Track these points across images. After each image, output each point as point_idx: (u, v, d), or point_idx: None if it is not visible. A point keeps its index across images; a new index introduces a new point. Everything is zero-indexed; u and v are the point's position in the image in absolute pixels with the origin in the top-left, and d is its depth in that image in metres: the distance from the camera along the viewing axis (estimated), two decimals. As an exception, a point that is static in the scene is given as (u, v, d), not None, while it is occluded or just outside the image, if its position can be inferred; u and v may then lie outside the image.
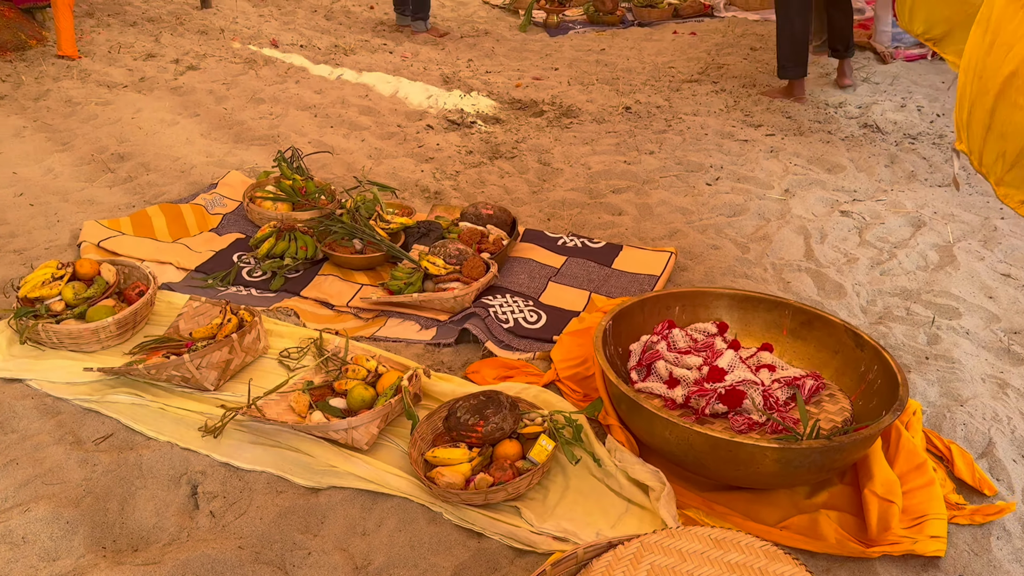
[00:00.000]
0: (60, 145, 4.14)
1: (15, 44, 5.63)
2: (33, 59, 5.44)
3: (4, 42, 5.58)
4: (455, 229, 3.25)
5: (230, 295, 2.91)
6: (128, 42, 5.87)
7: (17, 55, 5.50)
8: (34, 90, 4.90)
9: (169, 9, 6.83)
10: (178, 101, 4.78)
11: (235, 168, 3.92)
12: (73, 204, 3.52)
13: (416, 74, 5.42)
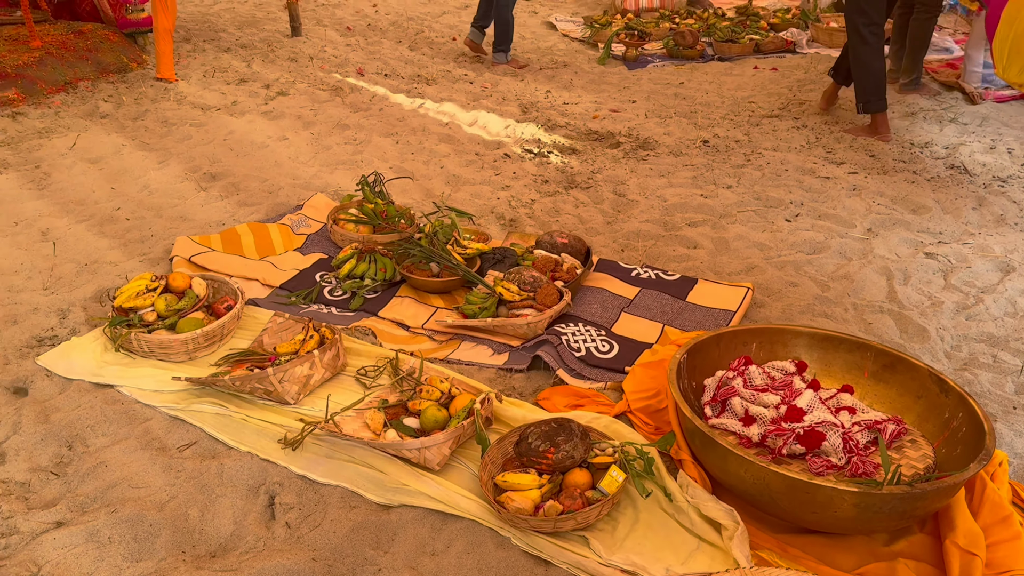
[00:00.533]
0: (156, 163, 4.35)
1: (118, 66, 5.95)
2: (133, 81, 5.74)
3: (107, 64, 5.91)
4: (530, 256, 3.28)
5: (312, 312, 3.00)
6: (222, 67, 6.14)
7: (119, 77, 5.81)
8: (133, 110, 5.16)
9: (261, 37, 7.12)
10: (268, 125, 4.97)
11: (320, 191, 4.05)
12: (167, 220, 3.69)
13: (495, 104, 5.51)
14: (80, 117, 5.00)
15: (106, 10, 6.60)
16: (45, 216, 3.67)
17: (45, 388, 2.51)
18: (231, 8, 8.25)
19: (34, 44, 5.67)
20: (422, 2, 8.89)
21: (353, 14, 8.19)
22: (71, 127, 4.81)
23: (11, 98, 5.15)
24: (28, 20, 5.74)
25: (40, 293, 3.04)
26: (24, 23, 5.90)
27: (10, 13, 6.47)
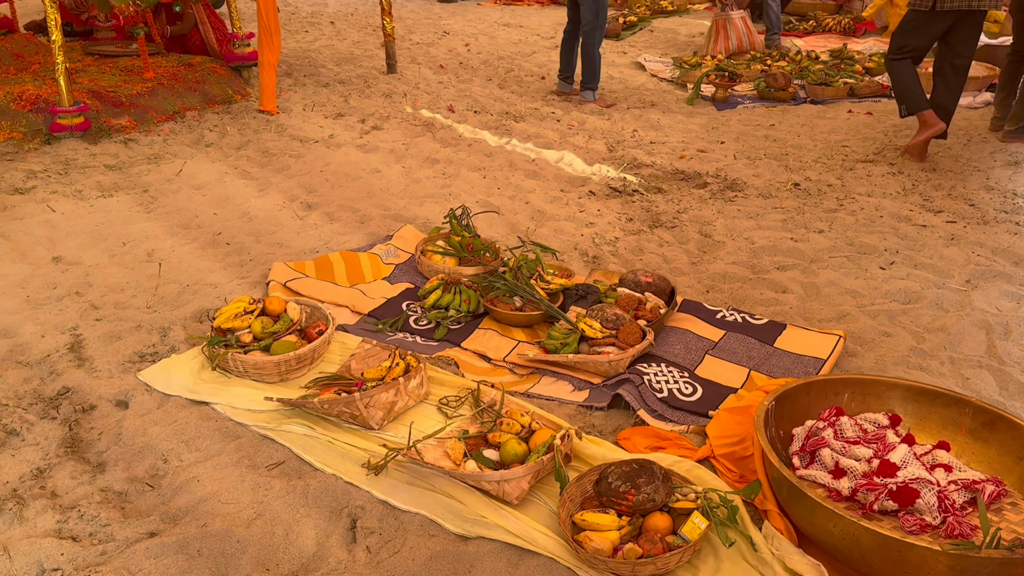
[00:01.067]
0: (257, 191, 4.54)
1: (223, 98, 6.26)
2: (237, 112, 6.02)
3: (214, 96, 6.22)
4: (613, 294, 3.28)
5: (397, 340, 3.07)
6: (321, 101, 6.39)
7: (224, 108, 6.11)
8: (236, 140, 5.41)
9: (358, 73, 7.38)
10: (362, 158, 5.14)
11: (409, 222, 4.15)
12: (264, 246, 3.84)
13: (582, 141, 5.56)
14: (187, 145, 5.27)
15: (213, 45, 6.98)
16: (151, 238, 3.87)
17: (145, 402, 2.63)
18: (331, 45, 8.60)
19: (147, 75, 6.03)
20: (513, 42, 9.08)
21: (446, 53, 8.42)
22: (178, 154, 5.08)
23: (124, 125, 5.47)
24: (143, 53, 6.12)
25: (144, 311, 3.20)
26: (139, 55, 6.28)
27: (126, 46, 6.91)
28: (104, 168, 4.75)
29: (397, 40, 7.72)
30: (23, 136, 5.15)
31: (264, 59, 5.94)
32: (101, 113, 5.40)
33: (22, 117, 5.22)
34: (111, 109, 5.48)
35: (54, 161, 4.80)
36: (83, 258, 3.62)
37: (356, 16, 10.55)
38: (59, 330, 3.02)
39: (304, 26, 9.70)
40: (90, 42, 7.08)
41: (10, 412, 2.55)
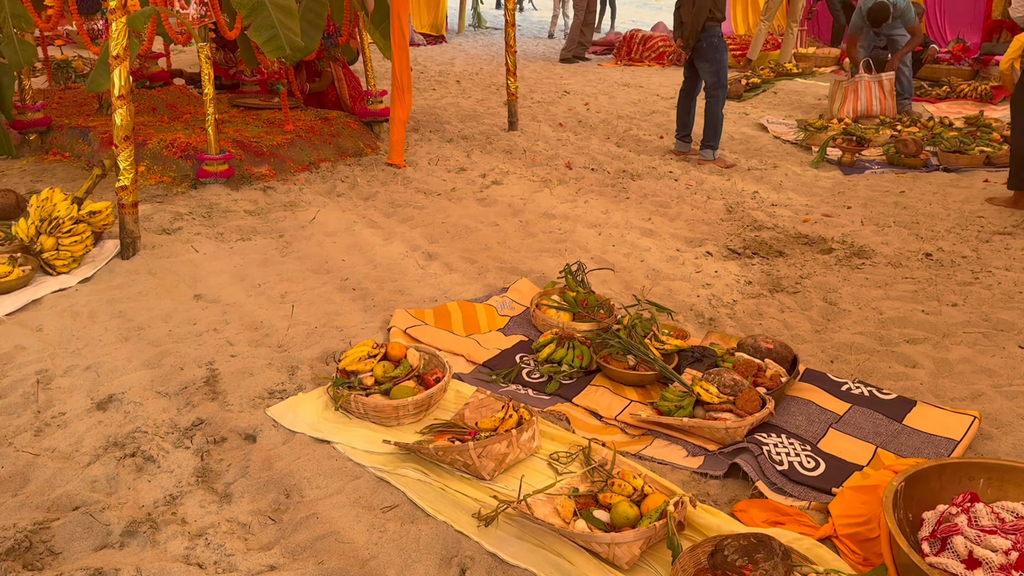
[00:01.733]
0: (382, 240, 4.72)
1: (355, 151, 6.59)
2: (367, 164, 6.31)
3: (346, 148, 6.55)
4: (730, 359, 3.21)
5: (510, 392, 3.10)
6: (445, 156, 6.62)
7: (355, 160, 6.42)
8: (366, 191, 5.67)
9: (481, 130, 7.63)
10: (482, 211, 5.28)
11: (525, 275, 4.22)
12: (387, 292, 3.98)
13: (699, 202, 5.52)
14: (320, 194, 5.56)
15: (348, 101, 7.38)
16: (285, 280, 4.08)
17: (271, 437, 2.75)
18: (456, 103, 8.93)
19: (287, 128, 6.42)
20: (632, 102, 9.18)
21: (566, 111, 8.59)
22: (312, 202, 5.36)
23: (264, 174, 5.83)
24: (285, 107, 6.52)
25: (275, 350, 3.36)
26: (281, 109, 6.70)
27: (269, 99, 7.39)
28: (244, 213, 5.07)
29: (519, 99, 7.94)
30: (172, 180, 5.57)
31: (395, 116, 6.23)
32: (244, 161, 5.77)
33: (173, 163, 5.65)
34: (253, 158, 5.85)
35: (199, 205, 5.15)
36: (222, 296, 3.85)
37: (481, 76, 10.93)
38: (197, 364, 3.21)
39: (432, 84, 10.12)
40: (236, 95, 7.60)
41: (149, 439, 2.72)
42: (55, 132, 6.28)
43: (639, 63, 12.13)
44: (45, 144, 6.25)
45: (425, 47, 13.59)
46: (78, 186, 5.37)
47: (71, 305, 3.69)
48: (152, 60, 7.58)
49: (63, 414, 2.85)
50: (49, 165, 5.93)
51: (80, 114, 6.66)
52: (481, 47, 14.06)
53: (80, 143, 6.06)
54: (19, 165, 5.89)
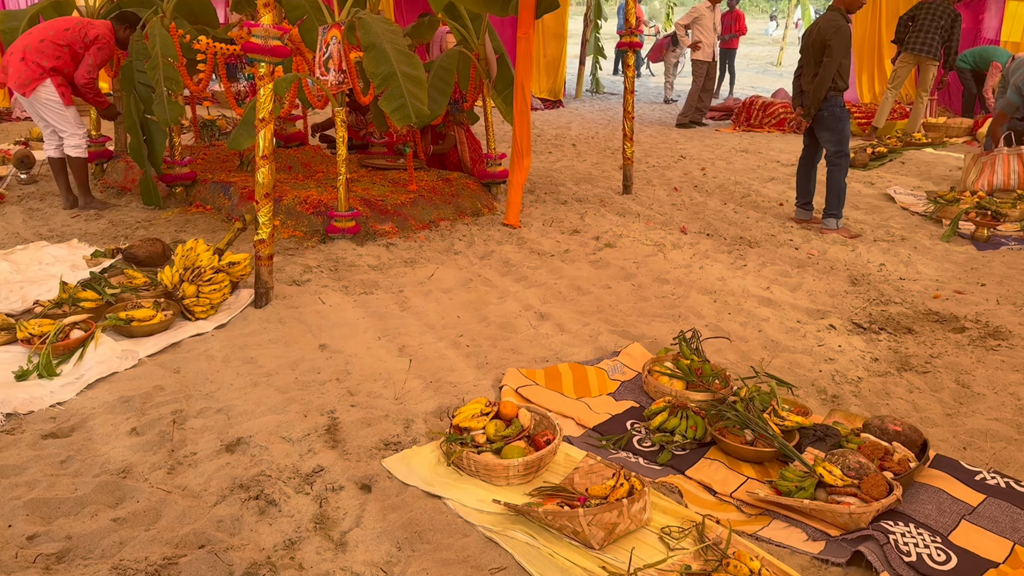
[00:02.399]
0: (496, 299, 4.81)
1: (473, 211, 6.77)
2: (484, 224, 6.47)
3: (465, 208, 6.74)
4: (855, 440, 3.07)
5: (620, 459, 3.06)
6: (559, 218, 6.71)
7: (473, 219, 6.59)
8: (482, 250, 5.80)
9: (595, 193, 7.70)
10: (594, 273, 5.30)
11: (636, 340, 4.19)
12: (500, 351, 4.04)
13: (822, 272, 5.36)
14: (439, 252, 5.73)
15: (468, 163, 7.62)
16: (403, 334, 4.20)
17: (386, 488, 2.81)
18: (571, 166, 9.07)
19: (411, 188, 6.67)
20: (750, 167, 9.07)
21: (681, 176, 8.57)
22: (431, 260, 5.53)
23: (387, 231, 6.07)
24: (410, 168, 6.79)
25: (392, 401, 3.46)
26: (405, 170, 6.99)
27: (395, 160, 7.72)
28: (367, 267, 5.28)
29: (634, 163, 7.98)
30: (304, 234, 5.87)
31: (513, 178, 6.39)
32: (369, 219, 6.03)
33: (305, 218, 5.97)
34: (378, 216, 6.10)
35: (327, 258, 5.40)
36: (344, 347, 4.01)
37: (596, 139, 11.08)
38: (319, 411, 3.34)
39: (548, 147, 10.33)
40: (365, 156, 7.99)
41: (272, 483, 2.83)
42: (199, 186, 6.75)
43: (758, 129, 12.01)
44: (189, 197, 6.73)
45: (542, 111, 13.91)
46: (217, 236, 5.75)
47: (207, 350, 3.93)
48: (290, 122, 8.09)
49: (194, 454, 3.02)
50: (192, 216, 6.38)
51: (222, 170, 7.15)
52: (597, 111, 14.27)
53: (221, 197, 6.49)
54: (165, 215, 6.35)
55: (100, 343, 3.81)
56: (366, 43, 5.29)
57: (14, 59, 5.81)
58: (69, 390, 3.45)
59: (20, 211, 6.38)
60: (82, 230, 5.90)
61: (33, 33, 5.90)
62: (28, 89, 5.79)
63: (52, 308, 4.12)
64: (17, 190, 7.03)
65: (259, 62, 4.20)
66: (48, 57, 5.81)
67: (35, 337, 3.77)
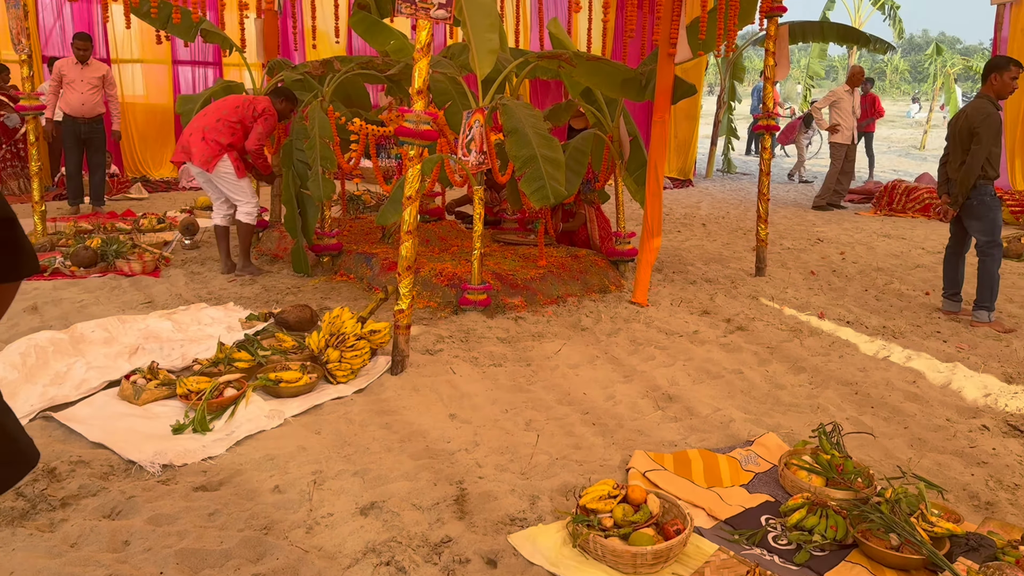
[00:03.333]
0: (622, 377, 4.79)
1: (600, 287, 6.81)
2: (611, 301, 6.49)
3: (592, 285, 6.79)
4: (1013, 552, 2.83)
5: (754, 556, 2.94)
6: (687, 298, 6.64)
7: (600, 296, 6.62)
8: (608, 327, 5.81)
9: (726, 273, 7.59)
10: (724, 357, 5.19)
11: (771, 430, 4.05)
12: (626, 432, 4.00)
13: (973, 367, 5.03)
14: (565, 327, 5.78)
15: (597, 240, 7.70)
16: (530, 408, 4.24)
17: (511, 565, 2.81)
18: (701, 246, 8.99)
19: (540, 263, 6.80)
20: (893, 254, 8.70)
21: (819, 259, 8.32)
22: (558, 335, 5.58)
23: (516, 304, 6.18)
24: (540, 244, 6.93)
25: (518, 476, 3.48)
26: (536, 245, 7.14)
27: (525, 236, 7.91)
28: (496, 340, 5.38)
29: (768, 244, 7.83)
30: (438, 305, 6.07)
31: (642, 257, 6.41)
32: (500, 292, 6.17)
33: (439, 290, 6.19)
34: (508, 290, 6.24)
35: (458, 329, 5.55)
36: (473, 418, 4.08)
37: (727, 219, 10.96)
38: (449, 481, 3.40)
39: (676, 226, 10.30)
40: (498, 231, 8.22)
41: (403, 550, 2.89)
42: (344, 256, 7.15)
43: (901, 214, 11.53)
44: (335, 266, 7.13)
45: (672, 190, 13.93)
46: (359, 304, 6.04)
47: (346, 413, 4.10)
48: (430, 198, 8.47)
49: (331, 515, 3.13)
50: (336, 284, 6.74)
51: (366, 241, 7.55)
52: (728, 191, 14.14)
53: (364, 267, 6.83)
54: (313, 283, 6.74)
55: (250, 402, 4.06)
56: (509, 127, 5.52)
57: (195, 139, 6.42)
58: (220, 445, 3.68)
59: (183, 274, 6.94)
60: (238, 294, 6.35)
61: (208, 114, 6.52)
62: (211, 165, 6.41)
63: (209, 367, 4.42)
64: (181, 254, 7.66)
65: (410, 144, 4.47)
66: (225, 135, 6.42)
67: (192, 393, 4.06)
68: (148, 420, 3.92)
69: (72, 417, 3.90)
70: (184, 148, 6.51)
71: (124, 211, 9.72)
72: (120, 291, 6.33)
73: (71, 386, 4.18)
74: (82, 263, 6.77)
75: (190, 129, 6.56)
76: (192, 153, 6.42)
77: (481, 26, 5.49)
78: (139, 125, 12.81)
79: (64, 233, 7.91)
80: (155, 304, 5.99)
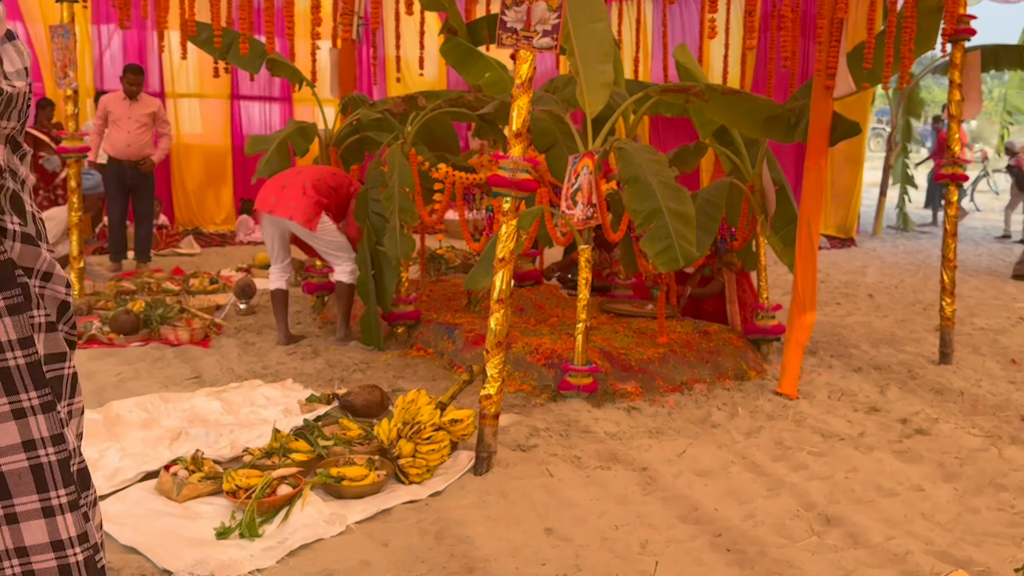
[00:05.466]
0: (765, 490, 4.65)
1: (736, 373, 6.69)
2: (750, 391, 6.35)
3: (726, 369, 6.68)
4: None
5: None
6: (850, 389, 6.44)
7: (736, 384, 6.50)
8: (747, 424, 5.68)
9: (900, 359, 7.33)
10: (900, 468, 4.98)
11: (961, 566, 3.83)
12: (770, 560, 3.86)
13: None
14: (691, 422, 5.68)
15: (733, 314, 7.60)
16: (646, 526, 4.17)
17: None
18: (867, 322, 8.75)
19: (660, 340, 6.75)
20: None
21: (1021, 344, 7.95)
22: (681, 431, 5.49)
23: (629, 391, 6.14)
24: (660, 316, 6.89)
25: (630, 613, 3.40)
26: (655, 317, 7.09)
27: (642, 306, 7.87)
28: (604, 435, 5.34)
29: (955, 324, 7.55)
30: (533, 389, 6.10)
31: (791, 336, 6.27)
32: (609, 376, 6.15)
33: (535, 370, 6.22)
34: (619, 372, 6.22)
35: (557, 420, 5.55)
36: (574, 535, 4.04)
37: (900, 289, 10.65)
38: (543, 614, 3.36)
39: (835, 297, 10.07)
40: (607, 299, 8.23)
41: None
42: (422, 327, 7.29)
43: None
44: (411, 338, 7.28)
45: (829, 250, 13.67)
46: (437, 385, 6.13)
47: (419, 521, 4.13)
48: (527, 258, 8.59)
49: (398, 648, 3.13)
50: (412, 360, 6.87)
51: (448, 309, 7.69)
52: (902, 253, 13.77)
53: (445, 340, 6.95)
54: (384, 358, 6.90)
55: (308, 502, 4.14)
56: (627, 175, 5.58)
57: (294, 193, 6.85)
58: (270, 556, 3.75)
59: (236, 344, 7.22)
60: (297, 369, 6.56)
61: (304, 173, 7.09)
62: (314, 223, 6.85)
63: (261, 457, 4.55)
64: (235, 321, 7.99)
65: (504, 196, 4.57)
66: (324, 195, 6.94)
67: (241, 490, 4.17)
68: (189, 521, 4.05)
69: (102, 515, 4.06)
70: (278, 201, 6.86)
71: (172, 268, 10.25)
72: (164, 363, 6.63)
73: (103, 476, 4.37)
74: (122, 329, 7.14)
75: (283, 182, 6.98)
76: (292, 208, 6.81)
77: (592, 56, 5.63)
78: (193, 168, 13.53)
79: (104, 294, 8.39)
80: (203, 379, 6.25)
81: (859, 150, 14.18)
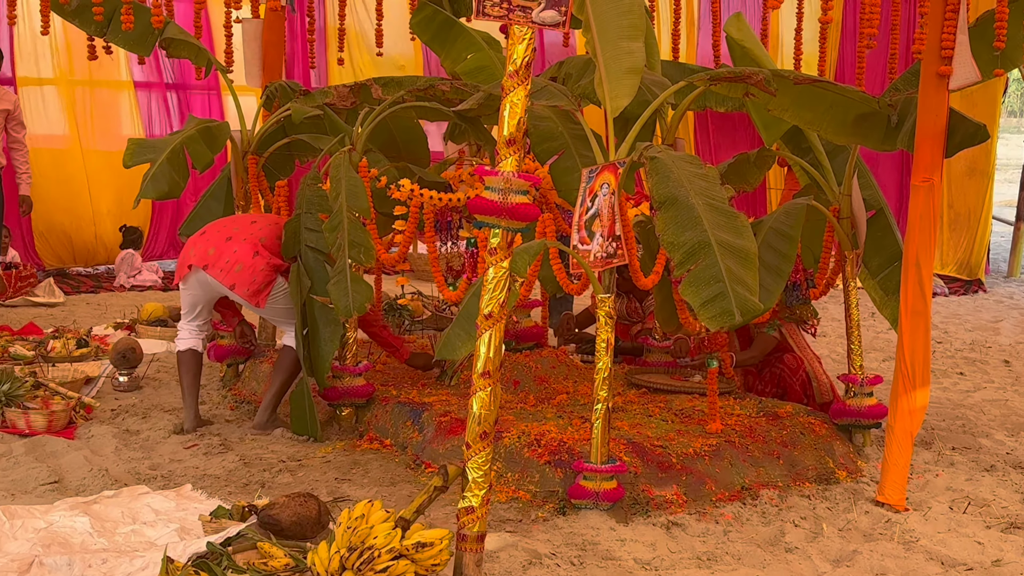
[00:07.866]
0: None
1: (819, 473, 6.64)
2: (838, 499, 6.30)
3: (804, 467, 6.64)
4: None
5: None
6: (982, 497, 6.40)
7: (819, 489, 6.45)
8: (836, 548, 5.63)
9: (1049, 453, 7.33)
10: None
11: None
12: None
13: None
14: (757, 544, 5.63)
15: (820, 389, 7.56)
16: None
17: None
18: (1002, 400, 8.75)
19: (711, 427, 6.70)
20: None
21: None
22: (741, 558, 5.44)
23: (669, 500, 6.06)
24: (712, 392, 6.82)
25: None
26: (704, 394, 7.02)
27: (685, 377, 7.83)
28: (634, 563, 5.29)
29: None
30: (532, 497, 6.03)
31: (897, 421, 6.22)
32: (640, 477, 6.09)
33: (535, 470, 6.15)
34: (654, 473, 6.16)
35: (567, 542, 5.49)
36: None
37: (1048, 353, 10.68)
38: None
39: (957, 364, 10.08)
40: (637, 366, 8.18)
41: None
42: (376, 407, 7.23)
43: None
44: (360, 424, 7.23)
45: (947, 298, 13.70)
46: (397, 491, 6.08)
47: None
48: (523, 310, 8.56)
49: None
50: (362, 455, 6.82)
51: (412, 382, 7.65)
52: (1048, 302, 13.84)
53: (408, 427, 6.89)
54: (322, 452, 6.85)
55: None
56: (662, 196, 5.52)
57: (242, 251, 6.89)
58: None
59: (112, 433, 7.15)
60: (200, 469, 6.49)
61: (263, 222, 7.29)
62: (262, 297, 6.90)
63: (147, 598, 4.49)
64: (111, 399, 7.94)
65: (492, 227, 4.53)
66: (275, 252, 7.00)
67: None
68: None
69: None
70: (219, 256, 6.90)
71: (24, 325, 10.18)
72: (11, 462, 6.55)
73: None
74: (-50, 414, 7.07)
75: (229, 231, 7.06)
76: (237, 273, 6.83)
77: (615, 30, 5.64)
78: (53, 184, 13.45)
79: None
80: (65, 485, 6.17)
81: (988, 162, 14.27)
